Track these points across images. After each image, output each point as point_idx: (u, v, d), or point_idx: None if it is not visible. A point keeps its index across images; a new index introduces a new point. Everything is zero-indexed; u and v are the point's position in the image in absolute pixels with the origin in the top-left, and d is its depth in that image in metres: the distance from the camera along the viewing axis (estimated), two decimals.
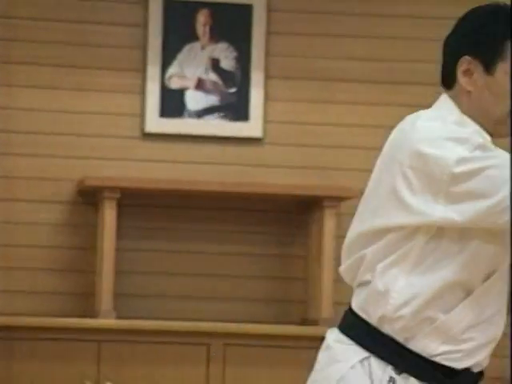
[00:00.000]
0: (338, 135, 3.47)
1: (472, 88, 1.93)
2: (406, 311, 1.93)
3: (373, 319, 1.95)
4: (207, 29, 3.26)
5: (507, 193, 1.88)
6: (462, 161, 1.86)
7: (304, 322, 3.33)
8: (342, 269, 2.18)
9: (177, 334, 3.19)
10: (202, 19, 3.24)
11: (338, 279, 3.29)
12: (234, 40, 3.25)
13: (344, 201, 3.28)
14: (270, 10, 3.35)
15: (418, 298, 1.93)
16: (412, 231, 1.90)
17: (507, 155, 1.91)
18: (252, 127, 3.28)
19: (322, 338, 3.64)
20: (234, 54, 3.26)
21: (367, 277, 1.93)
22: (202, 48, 3.26)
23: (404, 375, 1.98)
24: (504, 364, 3.61)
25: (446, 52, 1.97)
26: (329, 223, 3.18)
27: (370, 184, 2.04)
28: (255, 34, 3.27)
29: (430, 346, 1.96)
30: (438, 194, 1.89)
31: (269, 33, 3.36)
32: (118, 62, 3.31)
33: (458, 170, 1.85)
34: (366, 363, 1.99)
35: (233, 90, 3.26)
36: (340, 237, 3.26)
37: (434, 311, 1.94)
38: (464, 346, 1.98)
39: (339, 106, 3.47)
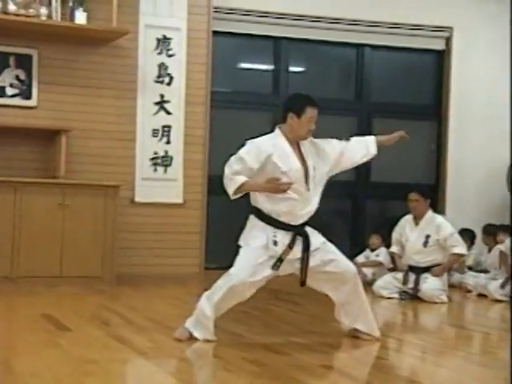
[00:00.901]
0: None
1: (292, 123, 4.00)
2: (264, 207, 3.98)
3: (261, 208, 4.01)
4: None
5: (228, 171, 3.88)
6: (241, 150, 3.95)
7: None
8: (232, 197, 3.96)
9: None
10: None
11: None
12: None
13: None
14: None
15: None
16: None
17: (241, 153, 3.92)
18: None
19: None
20: None
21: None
22: None
23: (279, 231, 3.99)
24: None
25: (284, 110, 4.02)
26: None
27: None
28: None
29: (288, 219, 4.00)
30: None
31: None
32: None
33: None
34: (263, 226, 4.00)
35: None
36: None
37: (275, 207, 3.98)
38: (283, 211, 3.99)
39: None
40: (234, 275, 3.94)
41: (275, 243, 3.95)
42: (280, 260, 3.97)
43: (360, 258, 7.38)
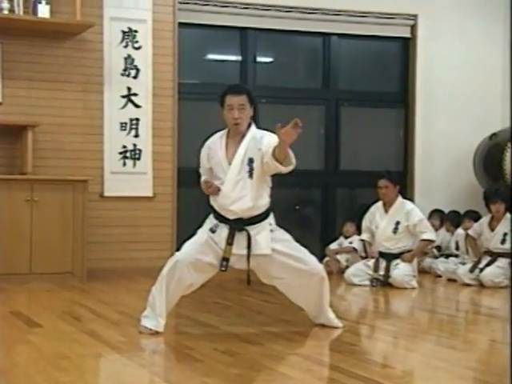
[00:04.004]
0: None
1: (223, 116, 3.99)
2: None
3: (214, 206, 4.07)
4: None
5: None
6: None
7: None
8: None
9: None
10: None
11: None
12: None
13: None
14: None
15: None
16: None
17: (201, 154, 4.11)
18: None
19: None
20: None
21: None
22: None
23: (220, 224, 4.02)
24: None
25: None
26: None
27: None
28: None
29: (224, 212, 3.98)
30: None
31: None
32: None
33: None
34: (210, 217, 4.11)
35: None
36: None
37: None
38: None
39: None
40: (177, 254, 4.05)
41: (212, 231, 3.99)
42: (225, 259, 3.95)
43: (333, 246, 7.43)
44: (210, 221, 4.07)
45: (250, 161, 3.93)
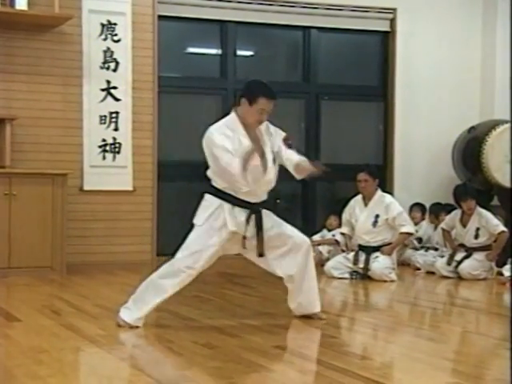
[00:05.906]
0: None
1: (244, 109, 4.00)
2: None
3: (219, 186, 4.03)
4: None
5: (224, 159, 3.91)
6: (215, 142, 3.95)
7: None
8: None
9: None
10: None
11: None
12: None
13: None
14: None
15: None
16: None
17: (219, 142, 3.93)
18: None
19: None
20: None
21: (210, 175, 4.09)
22: None
23: (236, 208, 4.03)
24: None
25: (240, 93, 4.06)
26: None
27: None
28: None
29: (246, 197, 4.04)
30: (211, 155, 3.98)
31: None
32: None
33: (213, 145, 3.97)
34: (220, 204, 4.00)
35: None
36: None
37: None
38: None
39: None
40: (188, 266, 3.99)
41: (235, 220, 4.00)
42: (244, 238, 4.02)
43: (316, 238, 7.43)
44: (220, 208, 4.02)
45: (270, 150, 4.13)
